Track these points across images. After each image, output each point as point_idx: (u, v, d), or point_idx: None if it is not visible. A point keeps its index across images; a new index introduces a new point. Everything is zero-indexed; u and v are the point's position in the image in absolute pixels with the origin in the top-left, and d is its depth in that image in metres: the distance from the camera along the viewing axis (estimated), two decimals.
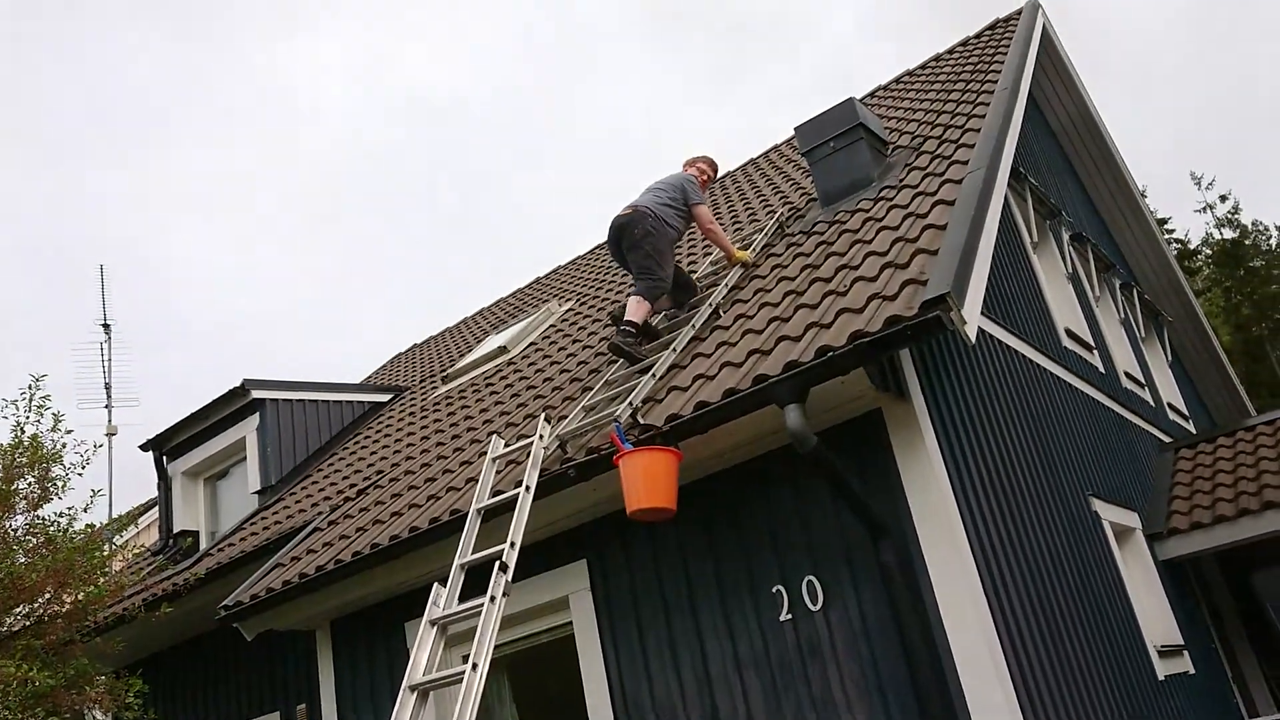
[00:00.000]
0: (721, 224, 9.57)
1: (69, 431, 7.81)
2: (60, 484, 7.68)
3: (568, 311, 10.60)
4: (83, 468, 7.86)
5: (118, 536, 8.88)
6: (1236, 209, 39.13)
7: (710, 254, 8.21)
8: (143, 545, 12.14)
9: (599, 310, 9.39)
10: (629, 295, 6.61)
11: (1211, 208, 39.59)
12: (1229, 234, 38.63)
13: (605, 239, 7.07)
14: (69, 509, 7.66)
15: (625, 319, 6.40)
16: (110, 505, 11.76)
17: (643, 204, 6.72)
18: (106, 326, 13.26)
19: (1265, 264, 37.29)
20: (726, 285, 6.71)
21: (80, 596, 7.41)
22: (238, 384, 10.39)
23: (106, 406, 13.03)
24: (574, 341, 8.64)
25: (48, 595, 7.34)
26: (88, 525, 7.80)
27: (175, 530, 10.65)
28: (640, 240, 6.56)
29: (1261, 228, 39.23)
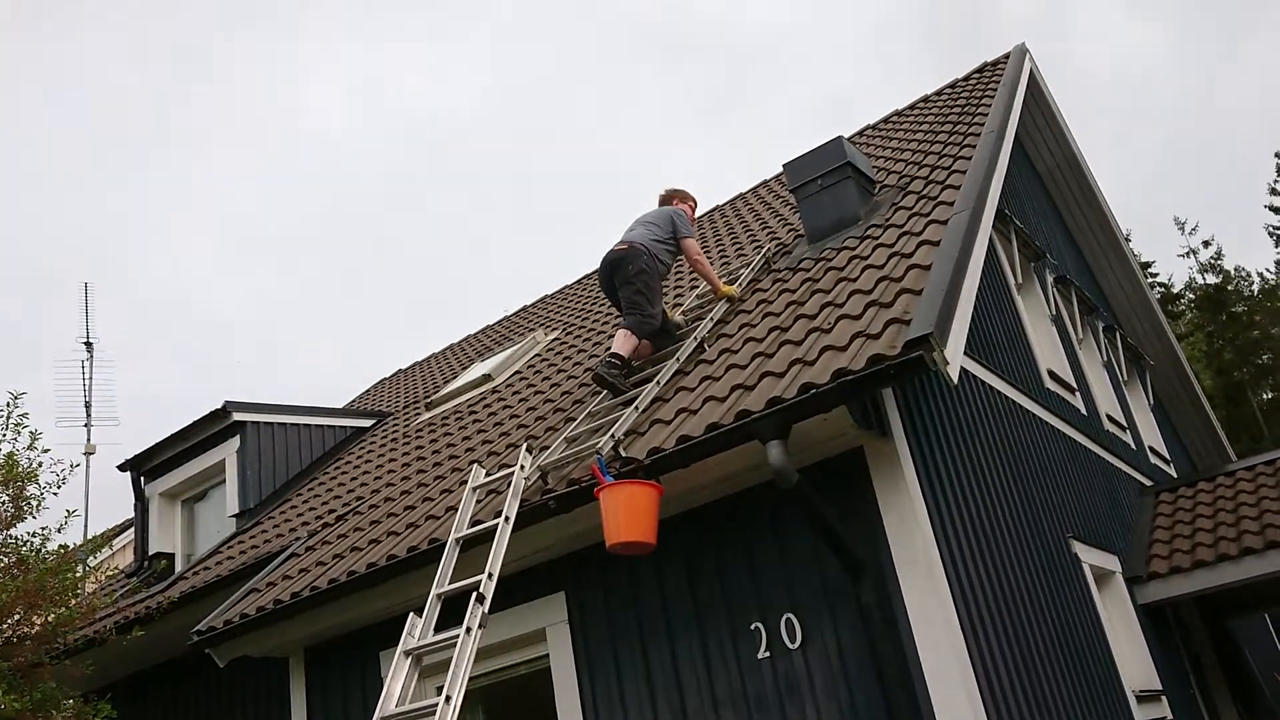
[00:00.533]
0: (709, 257, 9.61)
1: (46, 450, 7.73)
2: (35, 503, 7.58)
3: (553, 341, 10.59)
4: (59, 487, 7.76)
5: (92, 557, 8.77)
6: (1219, 255, 39.64)
7: (696, 287, 8.23)
8: (117, 567, 12.01)
9: (584, 340, 9.39)
10: (615, 329, 6.63)
11: (1195, 253, 40.09)
12: (1212, 279, 39.05)
13: (598, 272, 7.09)
14: (43, 529, 7.54)
15: (611, 351, 6.41)
16: (86, 525, 11.58)
17: (638, 241, 6.77)
18: (89, 344, 13.15)
19: (1247, 310, 37.68)
20: (711, 320, 6.72)
21: (50, 618, 7.30)
22: (219, 406, 10.32)
23: (86, 425, 12.88)
24: (558, 371, 8.62)
25: (17, 616, 7.22)
26: (61, 546, 7.69)
27: (151, 552, 10.52)
28: (633, 277, 6.61)
29: (1244, 274, 39.72)
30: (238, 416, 10.32)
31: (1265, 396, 35.35)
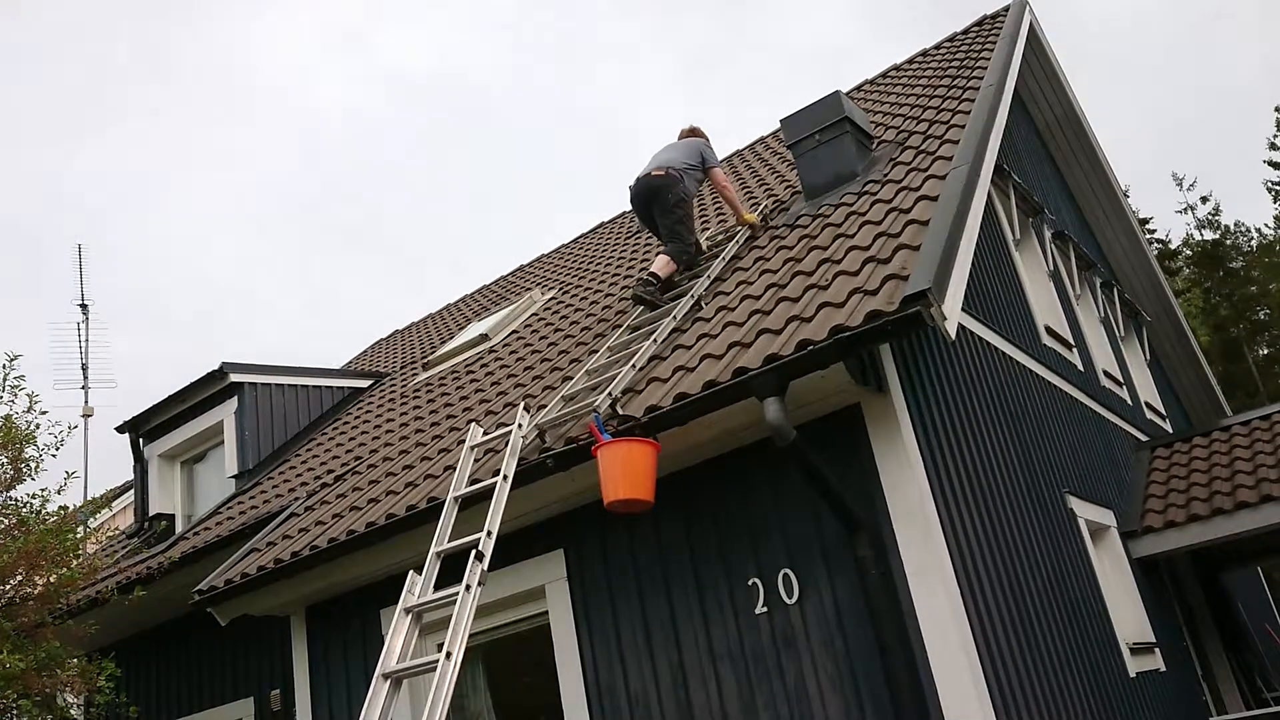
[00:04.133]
0: (704, 216, 9.58)
1: (44, 413, 7.75)
2: (34, 465, 7.61)
3: (550, 300, 10.57)
4: (57, 449, 7.80)
5: (92, 519, 8.80)
6: (1217, 210, 39.45)
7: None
8: (118, 528, 12.08)
9: (581, 299, 9.36)
10: (658, 254, 7.03)
11: (1193, 209, 39.91)
12: (1209, 235, 38.93)
13: (632, 197, 7.33)
14: (42, 490, 7.59)
15: (650, 271, 6.80)
16: (85, 487, 11.64)
17: (674, 166, 7.08)
18: (84, 307, 13.13)
19: (1244, 265, 37.61)
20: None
21: (53, 579, 7.35)
22: (216, 367, 10.32)
23: (83, 387, 12.91)
24: (555, 330, 8.61)
25: (19, 577, 7.27)
26: (61, 507, 7.74)
27: (151, 513, 10.57)
28: (674, 205, 7.01)
29: (1243, 229, 39.56)
30: (235, 377, 10.32)
31: (1262, 352, 35.39)
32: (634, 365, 5.52)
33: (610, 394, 5.13)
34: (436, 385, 9.57)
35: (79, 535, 7.79)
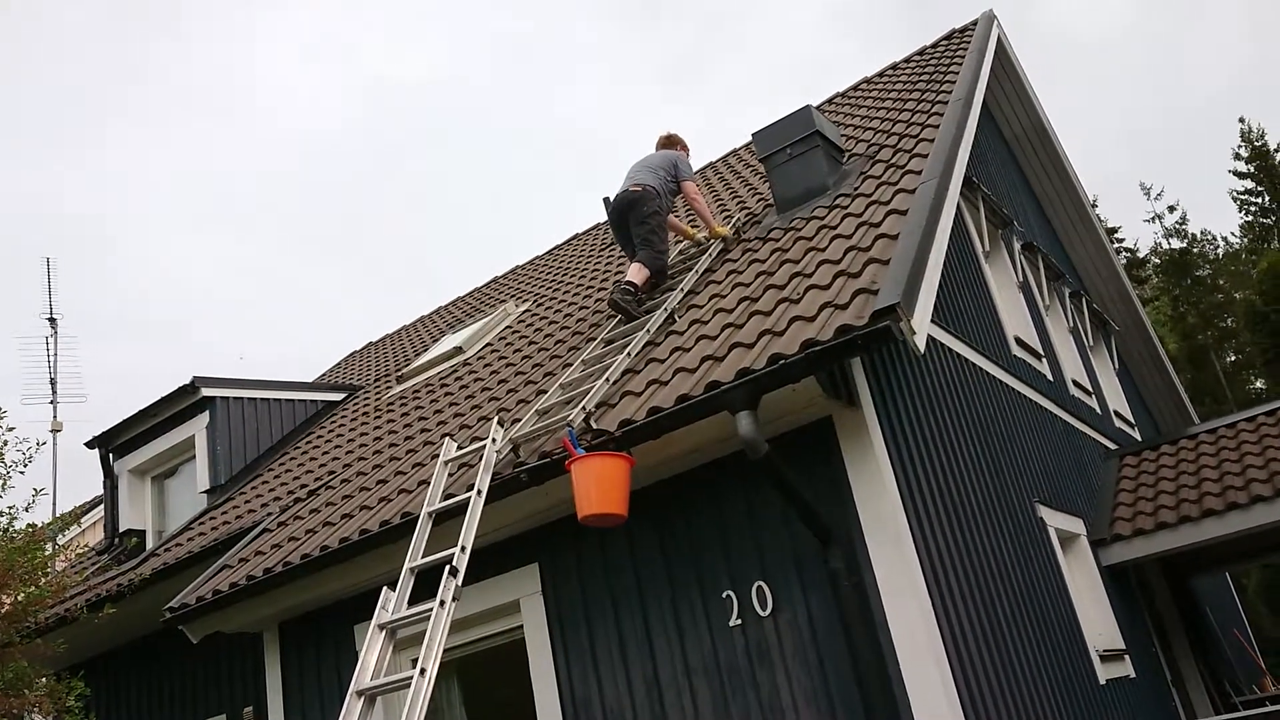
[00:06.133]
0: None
1: (10, 429, 7.64)
2: (1, 482, 7.52)
3: (524, 313, 10.57)
4: (25, 465, 7.70)
5: (61, 535, 8.70)
6: (1184, 219, 40.05)
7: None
8: (87, 544, 11.93)
9: (555, 312, 9.37)
10: (632, 263, 7.18)
11: (1160, 218, 40.47)
12: (1177, 244, 39.46)
13: (608, 212, 7.49)
14: (10, 508, 7.49)
15: (627, 279, 6.92)
16: (54, 503, 11.51)
17: (649, 182, 7.29)
18: (53, 320, 12.98)
19: (1211, 274, 38.14)
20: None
21: (20, 597, 7.25)
22: (187, 381, 10.23)
23: (52, 402, 12.76)
24: (529, 343, 8.61)
25: None
26: (29, 525, 7.63)
27: (121, 529, 10.46)
28: (648, 216, 7.18)
29: (1209, 238, 40.14)
30: (206, 392, 10.24)
31: (1228, 360, 35.87)
32: (608, 379, 5.54)
33: (584, 408, 5.14)
34: (411, 398, 9.54)
35: (47, 552, 7.69)
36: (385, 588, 4.53)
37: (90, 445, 10.88)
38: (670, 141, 7.93)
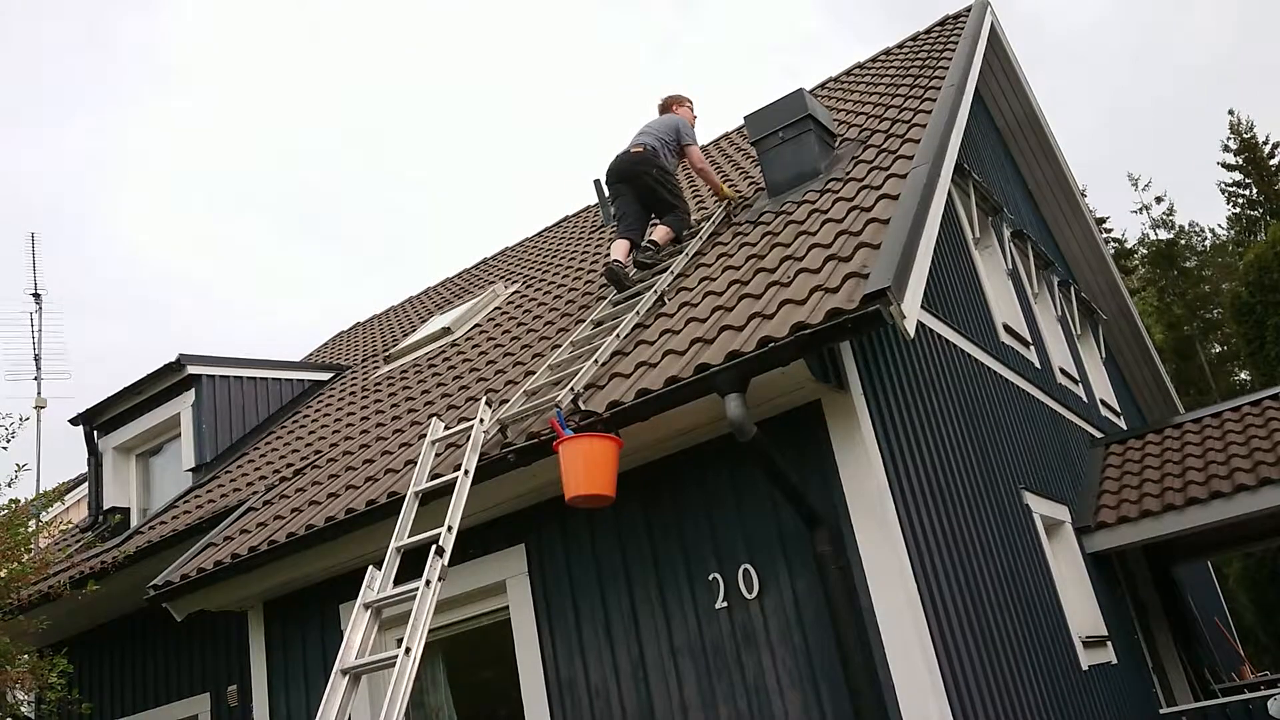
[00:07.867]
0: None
1: None
2: None
3: (513, 294, 10.53)
4: (8, 441, 7.67)
5: (44, 512, 8.65)
6: (1172, 210, 40.26)
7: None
8: (71, 522, 11.88)
9: (544, 293, 9.34)
10: (656, 225, 7.22)
11: (1147, 209, 40.64)
12: (1164, 235, 39.63)
13: (609, 170, 7.40)
14: None
15: (649, 239, 6.97)
16: (38, 480, 11.42)
17: (650, 144, 7.21)
18: (37, 296, 12.85)
19: (1198, 265, 38.34)
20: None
21: (2, 574, 7.22)
22: (173, 359, 10.16)
23: (36, 379, 12.64)
24: (518, 324, 8.58)
25: None
26: (12, 500, 7.60)
27: (105, 507, 10.41)
28: (660, 178, 7.15)
29: (1196, 229, 40.33)
30: (192, 369, 10.18)
31: (1214, 350, 36.10)
32: (596, 360, 5.52)
33: (572, 389, 5.13)
34: (398, 378, 9.51)
35: (31, 529, 7.66)
36: (371, 567, 4.52)
37: (75, 422, 10.81)
38: (673, 103, 7.76)
